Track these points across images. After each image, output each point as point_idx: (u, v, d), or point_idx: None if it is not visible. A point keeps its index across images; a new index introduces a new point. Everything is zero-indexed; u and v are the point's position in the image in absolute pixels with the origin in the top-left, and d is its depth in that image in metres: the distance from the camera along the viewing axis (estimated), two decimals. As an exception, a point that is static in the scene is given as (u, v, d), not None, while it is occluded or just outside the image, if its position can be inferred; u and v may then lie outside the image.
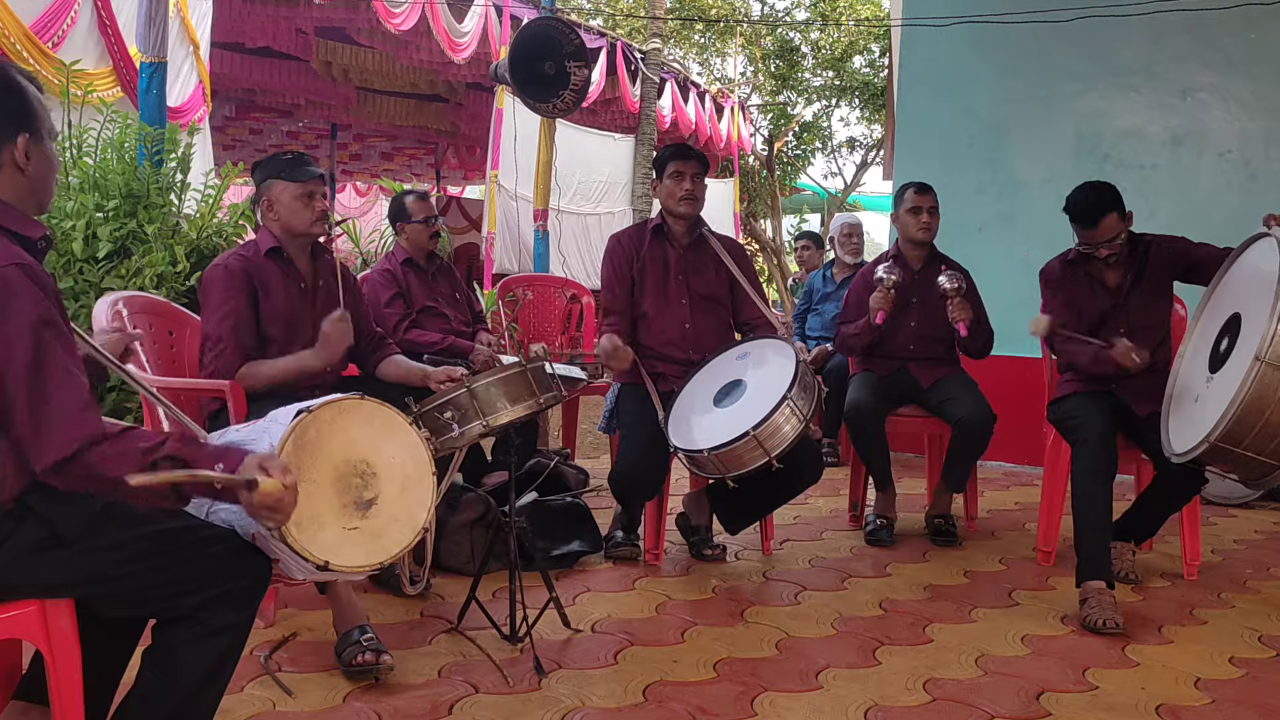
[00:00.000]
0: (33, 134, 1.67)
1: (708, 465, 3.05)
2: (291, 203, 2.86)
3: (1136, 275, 3.41)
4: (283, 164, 2.88)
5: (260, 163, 2.94)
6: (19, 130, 1.65)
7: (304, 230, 2.89)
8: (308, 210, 2.87)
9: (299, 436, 1.80)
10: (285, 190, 2.85)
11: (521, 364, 2.60)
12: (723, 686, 2.47)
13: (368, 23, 8.09)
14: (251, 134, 12.85)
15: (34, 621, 1.67)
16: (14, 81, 1.68)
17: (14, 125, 1.65)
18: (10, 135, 1.64)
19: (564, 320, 5.69)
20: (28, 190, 1.68)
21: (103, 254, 3.56)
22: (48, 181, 1.73)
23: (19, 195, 1.67)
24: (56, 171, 1.76)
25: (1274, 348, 2.48)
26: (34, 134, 1.67)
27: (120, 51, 5.28)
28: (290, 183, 2.84)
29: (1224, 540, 4.08)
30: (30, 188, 1.68)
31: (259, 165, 2.94)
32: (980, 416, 3.66)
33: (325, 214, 2.91)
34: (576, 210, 10.16)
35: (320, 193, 2.90)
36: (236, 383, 2.74)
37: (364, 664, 2.37)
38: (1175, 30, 5.27)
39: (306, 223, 2.88)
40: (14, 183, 1.66)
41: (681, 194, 3.51)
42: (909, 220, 3.96)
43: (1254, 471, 2.70)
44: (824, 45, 16.84)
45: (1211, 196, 5.26)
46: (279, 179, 2.85)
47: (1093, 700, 2.46)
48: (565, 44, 5.95)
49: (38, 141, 1.68)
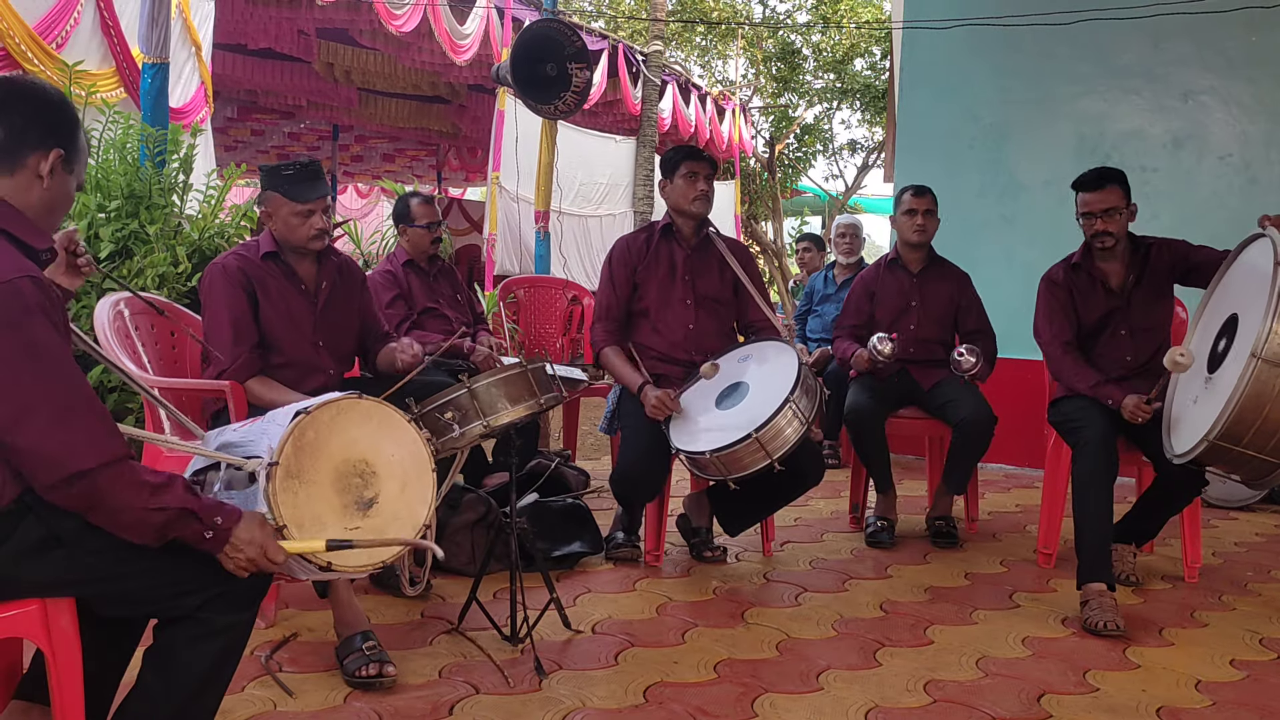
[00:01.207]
0: (66, 156, 1.68)
1: (709, 467, 3.05)
2: (289, 218, 2.83)
3: (1138, 277, 3.42)
4: (283, 179, 2.83)
5: (266, 169, 2.90)
6: (56, 144, 1.67)
7: (299, 245, 2.87)
8: (304, 227, 2.84)
9: (298, 438, 1.80)
10: (283, 205, 2.83)
11: (522, 364, 2.60)
12: (723, 688, 2.47)
13: (369, 24, 8.09)
14: (253, 135, 12.87)
15: (35, 621, 1.67)
16: (68, 104, 1.71)
17: (54, 138, 1.67)
18: (46, 145, 1.66)
19: (565, 322, 5.69)
20: (40, 204, 1.68)
21: (105, 254, 3.57)
22: (59, 208, 1.73)
23: (30, 204, 1.66)
24: (69, 207, 1.77)
25: (1270, 344, 2.48)
26: (67, 158, 1.69)
27: (123, 52, 5.29)
28: (289, 201, 2.81)
29: (1225, 543, 4.08)
30: (43, 203, 1.68)
31: (265, 171, 2.90)
32: (981, 418, 3.67)
33: (323, 231, 2.87)
34: (578, 212, 10.17)
35: (321, 210, 2.85)
36: (239, 385, 2.74)
37: (368, 677, 2.36)
38: (1176, 33, 5.27)
39: (302, 239, 2.86)
40: (30, 190, 1.66)
41: (696, 194, 3.52)
42: (905, 222, 3.98)
43: (1256, 471, 2.70)
44: (825, 48, 16.86)
45: (1212, 199, 5.27)
46: (278, 193, 2.82)
47: (1093, 702, 2.46)
48: (567, 46, 5.96)
49: (67, 168, 1.69)
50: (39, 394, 1.52)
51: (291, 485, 1.77)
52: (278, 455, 1.76)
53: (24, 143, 1.64)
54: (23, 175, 1.64)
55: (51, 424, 1.52)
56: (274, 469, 1.75)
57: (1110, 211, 3.35)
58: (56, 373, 1.55)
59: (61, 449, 1.52)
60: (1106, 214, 3.36)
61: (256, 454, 1.80)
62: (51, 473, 1.53)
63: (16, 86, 1.68)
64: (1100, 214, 3.36)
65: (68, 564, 1.65)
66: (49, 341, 1.55)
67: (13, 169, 1.64)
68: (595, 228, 10.46)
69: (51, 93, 1.70)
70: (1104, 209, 3.36)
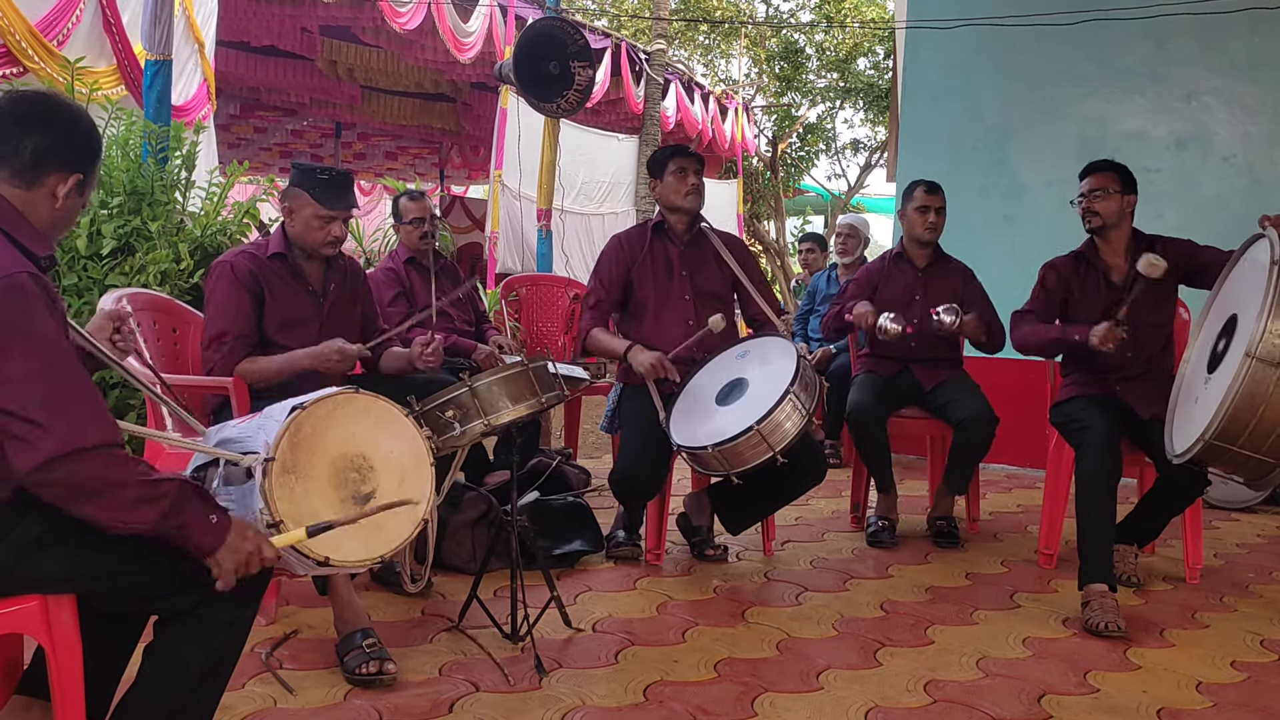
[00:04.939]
0: (83, 181, 1.73)
1: (711, 462, 3.04)
2: (310, 219, 2.86)
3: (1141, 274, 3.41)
4: (316, 181, 2.85)
5: (300, 166, 2.92)
6: (76, 170, 1.72)
7: (313, 247, 2.90)
8: (322, 232, 2.87)
9: (294, 433, 1.80)
10: (308, 206, 2.85)
11: (524, 363, 2.60)
12: (723, 687, 2.46)
13: (373, 22, 8.09)
14: (256, 132, 12.86)
15: (36, 616, 1.67)
16: (97, 135, 1.77)
17: (78, 163, 1.72)
18: (69, 169, 1.71)
19: (567, 320, 5.69)
20: (48, 220, 1.72)
21: (107, 251, 3.57)
22: (65, 226, 1.79)
23: (39, 217, 1.70)
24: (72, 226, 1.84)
25: (1264, 343, 2.48)
26: (83, 183, 1.74)
27: (125, 49, 5.28)
28: (315, 203, 2.84)
29: (1226, 544, 4.07)
30: (51, 220, 1.72)
31: (299, 168, 2.92)
32: (982, 418, 3.66)
33: (338, 240, 2.90)
34: (580, 210, 10.17)
35: (341, 219, 2.88)
36: (240, 378, 2.75)
37: (368, 674, 2.37)
38: (1179, 34, 5.26)
39: (318, 243, 2.89)
40: (42, 206, 1.70)
41: (687, 189, 3.54)
42: (916, 218, 3.96)
43: (1255, 471, 2.69)
44: (828, 47, 16.83)
45: (1216, 200, 5.26)
46: (307, 193, 2.84)
47: (1094, 703, 2.46)
48: (570, 44, 5.95)
49: (80, 191, 1.74)
50: (41, 379, 1.54)
51: (288, 480, 1.77)
52: (274, 451, 1.76)
53: (48, 162, 1.68)
54: (39, 191, 1.69)
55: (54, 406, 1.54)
56: (270, 464, 1.74)
57: (1097, 192, 3.41)
58: (57, 362, 1.57)
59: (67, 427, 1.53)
60: (1094, 194, 3.42)
61: (254, 450, 1.79)
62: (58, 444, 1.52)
63: (56, 106, 1.73)
64: (1088, 194, 3.43)
65: (68, 560, 1.65)
66: (50, 333, 1.57)
67: (31, 184, 1.68)
68: (598, 226, 10.45)
69: (84, 120, 1.75)
70: (1091, 189, 3.42)
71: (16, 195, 1.67)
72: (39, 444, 1.52)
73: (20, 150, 1.66)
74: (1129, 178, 3.43)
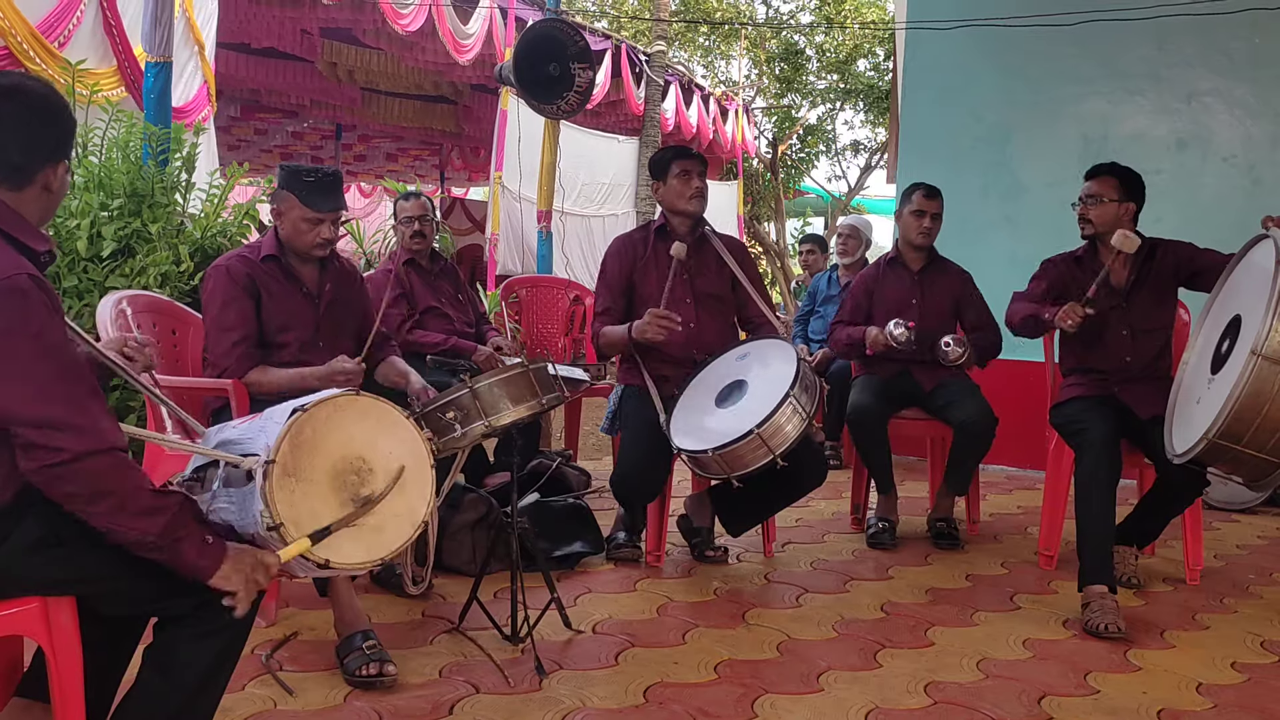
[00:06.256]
0: (68, 159, 1.74)
1: (711, 466, 3.04)
2: (298, 222, 2.84)
3: (1141, 277, 3.41)
4: (302, 183, 2.82)
5: (286, 168, 2.90)
6: (63, 156, 1.72)
7: (304, 250, 2.88)
8: (311, 234, 2.85)
9: (295, 435, 1.79)
10: (296, 209, 2.83)
11: (524, 364, 2.60)
12: (723, 688, 2.46)
13: (373, 24, 8.09)
14: (256, 134, 12.87)
15: (35, 619, 1.67)
16: (67, 107, 1.75)
17: (63, 150, 1.73)
18: (56, 159, 1.71)
19: (567, 322, 5.69)
20: (45, 209, 1.73)
21: (107, 253, 3.57)
22: (59, 202, 1.79)
23: (34, 211, 1.71)
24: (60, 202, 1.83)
25: (1270, 342, 2.48)
26: (68, 159, 1.75)
27: (125, 51, 5.29)
28: (302, 206, 2.82)
29: (1226, 545, 4.07)
30: (47, 209, 1.74)
31: (285, 170, 2.89)
32: (982, 419, 3.66)
33: (329, 241, 2.88)
34: (580, 212, 10.17)
35: (331, 221, 2.86)
36: (240, 382, 2.75)
37: (368, 676, 2.37)
38: (1180, 34, 5.26)
39: (307, 245, 2.87)
40: (37, 201, 1.71)
41: (691, 192, 3.53)
42: (911, 222, 3.97)
43: (1256, 471, 2.69)
44: (829, 48, 16.85)
45: (1216, 201, 5.25)
46: (294, 195, 2.82)
47: (1094, 704, 2.46)
48: (570, 46, 5.95)
49: (69, 171, 1.76)
50: (47, 381, 1.54)
51: (288, 483, 1.77)
52: (274, 453, 1.75)
53: (36, 159, 1.68)
54: (32, 190, 1.69)
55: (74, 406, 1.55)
56: (271, 467, 1.74)
57: (1093, 198, 3.40)
58: (62, 363, 1.58)
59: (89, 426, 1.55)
60: (1089, 200, 3.41)
61: (254, 452, 1.79)
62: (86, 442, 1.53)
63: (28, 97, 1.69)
64: (1084, 199, 3.42)
65: (68, 562, 1.65)
66: (52, 334, 1.58)
67: (23, 185, 1.68)
68: (598, 228, 10.46)
69: (54, 101, 1.73)
70: (1088, 195, 3.42)
71: (10, 196, 1.67)
72: (61, 442, 1.53)
73: (5, 153, 1.65)
74: (1131, 184, 3.39)
